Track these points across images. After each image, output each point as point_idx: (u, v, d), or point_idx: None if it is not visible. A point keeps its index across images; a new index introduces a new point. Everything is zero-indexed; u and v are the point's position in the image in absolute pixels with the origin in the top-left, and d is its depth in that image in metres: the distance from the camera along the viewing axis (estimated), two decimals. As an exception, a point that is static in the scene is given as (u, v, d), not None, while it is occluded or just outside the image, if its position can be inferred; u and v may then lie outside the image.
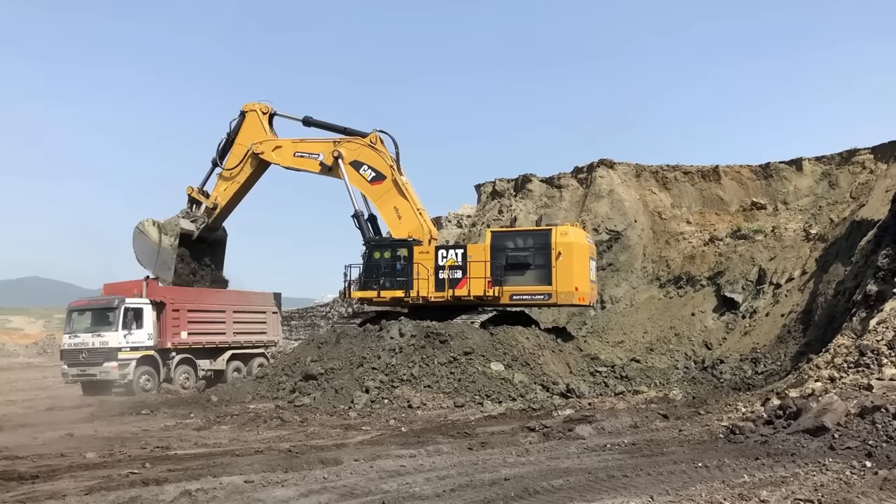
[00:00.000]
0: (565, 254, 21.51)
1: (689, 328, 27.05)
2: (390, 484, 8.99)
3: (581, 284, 21.85)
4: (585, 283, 22.13)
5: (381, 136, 23.39)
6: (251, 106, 24.82)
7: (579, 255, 21.91)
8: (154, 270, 25.46)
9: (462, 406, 17.31)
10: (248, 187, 25.59)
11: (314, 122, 24.43)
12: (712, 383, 21.00)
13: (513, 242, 22.32)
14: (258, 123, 24.57)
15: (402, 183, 22.73)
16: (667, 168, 32.75)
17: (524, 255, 21.96)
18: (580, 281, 21.82)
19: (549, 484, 8.64)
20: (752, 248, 28.14)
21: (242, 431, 14.80)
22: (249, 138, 24.52)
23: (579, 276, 21.80)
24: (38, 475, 9.89)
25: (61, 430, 15.08)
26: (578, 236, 22.41)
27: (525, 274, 21.92)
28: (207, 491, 8.68)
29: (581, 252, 22.03)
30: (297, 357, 21.60)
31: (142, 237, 25.49)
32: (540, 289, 21.78)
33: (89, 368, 23.56)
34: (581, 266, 21.93)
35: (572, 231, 22.37)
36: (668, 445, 11.21)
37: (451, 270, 22.02)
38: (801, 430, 10.54)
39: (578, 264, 21.80)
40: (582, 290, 21.93)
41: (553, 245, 21.62)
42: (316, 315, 47.30)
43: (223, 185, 25.28)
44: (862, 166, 28.16)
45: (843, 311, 19.15)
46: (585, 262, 22.19)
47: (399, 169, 23.02)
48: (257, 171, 25.03)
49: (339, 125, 24.15)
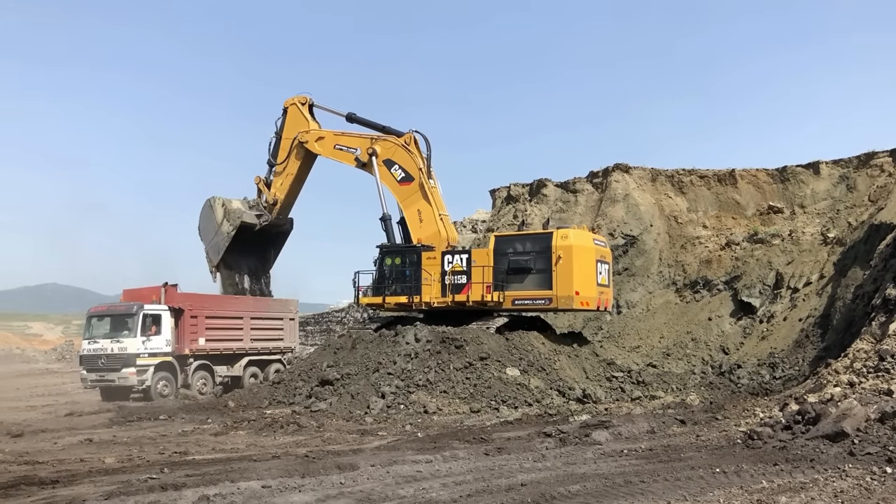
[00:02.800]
0: (565, 257, 21.06)
1: (705, 333, 26.88)
2: (407, 489, 9.00)
3: (583, 288, 21.29)
4: (589, 286, 21.52)
5: (416, 138, 23.45)
6: (291, 100, 25.57)
7: (581, 258, 21.34)
8: (206, 247, 26.54)
9: (478, 411, 17.30)
10: (301, 179, 26.32)
11: (356, 118, 24.93)
12: (730, 388, 20.87)
13: (515, 247, 22.02)
14: (300, 115, 25.35)
15: (427, 187, 22.75)
16: (682, 172, 32.59)
17: (525, 260, 21.68)
18: (581, 285, 21.24)
19: (565, 489, 8.62)
20: (769, 252, 27.94)
21: (259, 437, 14.86)
22: (294, 130, 25.32)
23: (581, 279, 21.23)
24: (57, 480, 9.98)
25: (80, 436, 15.20)
26: (581, 239, 21.91)
27: (527, 278, 21.63)
28: (225, 496, 8.73)
29: (584, 255, 21.47)
30: (314, 363, 21.66)
31: (208, 212, 26.51)
32: (540, 293, 21.39)
33: (108, 374, 23.76)
34: (584, 270, 21.36)
35: (573, 234, 21.87)
36: (686, 451, 11.16)
37: (457, 276, 21.94)
38: (820, 436, 10.46)
39: (580, 268, 21.23)
40: (585, 294, 21.36)
41: (553, 248, 21.22)
42: (331, 320, 47.40)
43: (279, 180, 26.11)
44: (880, 169, 27.90)
45: (861, 315, 18.99)
46: (589, 266, 21.60)
47: (428, 172, 23.02)
48: (306, 161, 25.66)
49: (379, 123, 24.45)
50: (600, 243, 22.95)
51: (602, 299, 22.44)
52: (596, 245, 22.36)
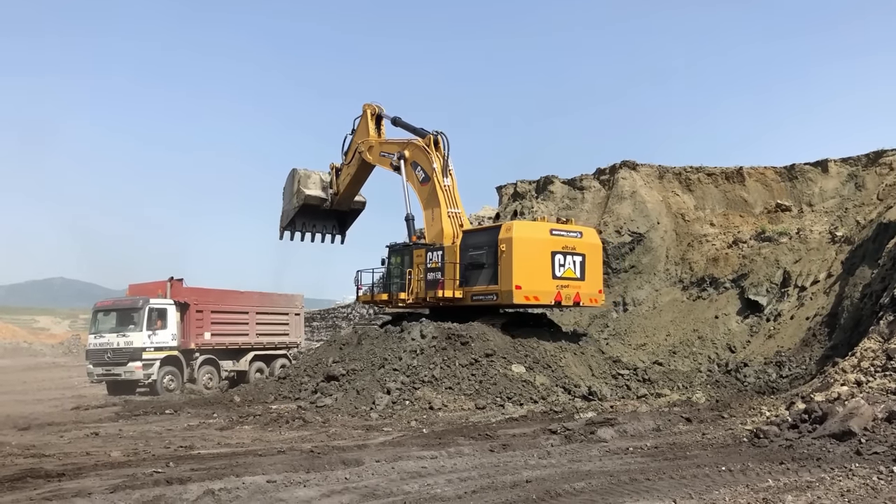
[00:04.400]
0: (507, 251, 20.60)
1: (712, 331, 26.79)
2: (412, 485, 9.00)
3: (528, 282, 20.56)
4: (537, 280, 20.75)
5: (436, 138, 23.51)
6: (365, 106, 25.99)
7: (524, 250, 20.69)
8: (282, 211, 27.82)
9: (483, 408, 17.30)
10: (359, 180, 27.01)
11: (400, 122, 25.23)
12: (736, 387, 20.82)
13: (474, 242, 21.83)
14: (365, 123, 25.81)
15: (440, 186, 22.83)
16: (690, 169, 32.48)
17: (479, 255, 21.52)
18: (525, 279, 20.57)
19: (570, 486, 8.61)
20: (776, 251, 27.82)
21: (265, 432, 14.88)
22: (360, 136, 25.96)
23: (524, 273, 20.56)
24: (64, 473, 10.01)
25: (87, 429, 15.26)
26: (526, 230, 21.36)
27: (481, 273, 21.40)
28: (230, 490, 8.74)
29: (528, 247, 20.78)
30: (319, 358, 21.70)
31: (289, 181, 27.55)
32: (490, 288, 21.07)
33: (114, 368, 23.86)
34: (528, 263, 20.67)
35: (517, 226, 21.42)
36: (692, 449, 11.13)
37: (434, 273, 22.01)
38: (826, 435, 10.41)
39: (522, 261, 20.55)
40: (530, 288, 20.63)
41: (499, 242, 20.88)
42: (337, 316, 47.44)
43: (343, 175, 26.94)
44: (889, 167, 27.75)
45: (869, 314, 18.91)
46: (538, 259, 20.82)
47: (444, 171, 23.09)
48: (363, 166, 26.19)
49: (415, 126, 24.61)
50: (562, 233, 21.70)
51: (565, 294, 21.34)
52: (554, 236, 21.38)
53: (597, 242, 22.89)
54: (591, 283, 22.14)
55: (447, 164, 23.18)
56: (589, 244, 22.20)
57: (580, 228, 22.87)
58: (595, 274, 22.34)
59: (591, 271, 22.07)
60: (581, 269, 21.68)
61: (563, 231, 21.88)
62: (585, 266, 21.79)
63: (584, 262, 21.78)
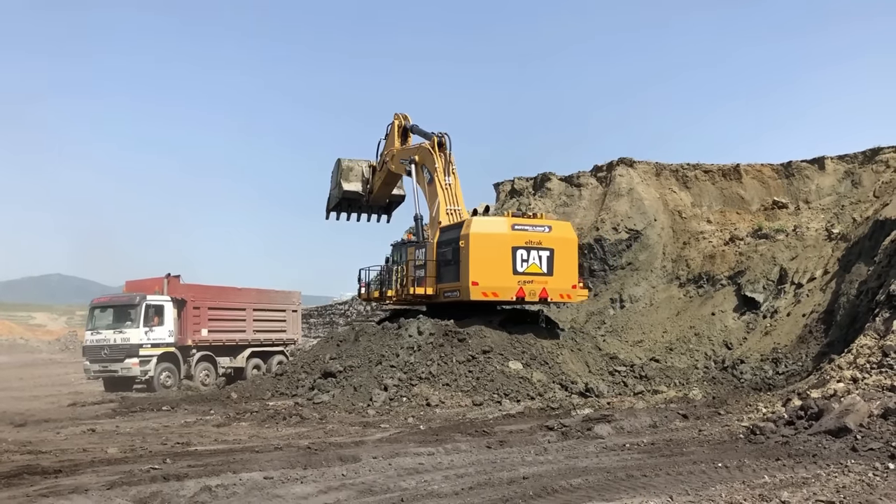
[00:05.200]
0: (464, 246, 20.63)
1: (709, 328, 26.82)
2: (408, 481, 9.00)
3: (485, 278, 20.45)
4: (496, 276, 20.58)
5: (440, 140, 23.48)
6: (395, 116, 26.10)
7: (482, 246, 20.56)
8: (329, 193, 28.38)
9: (480, 404, 17.32)
10: (389, 183, 27.35)
11: (416, 129, 25.39)
12: (732, 383, 20.87)
13: (447, 238, 21.79)
14: (392, 133, 25.96)
15: (440, 185, 22.90)
16: (687, 167, 32.50)
17: (447, 251, 21.55)
18: (482, 275, 20.40)
19: (567, 483, 8.62)
20: (773, 248, 27.86)
21: (262, 428, 14.89)
22: (387, 146, 26.32)
23: (480, 269, 20.46)
24: (60, 470, 10.00)
25: (83, 426, 15.26)
26: (485, 226, 21.15)
27: (449, 270, 21.40)
28: (227, 487, 8.74)
29: (485, 243, 20.64)
30: (316, 355, 21.71)
31: (335, 169, 28.00)
32: (454, 285, 21.11)
33: (111, 365, 23.86)
34: (485, 258, 20.46)
35: (476, 222, 21.19)
36: (688, 445, 11.15)
37: (420, 269, 22.12)
38: (822, 431, 10.44)
39: (479, 257, 20.44)
40: (488, 284, 20.50)
41: (460, 238, 20.90)
42: (335, 313, 47.45)
43: (376, 175, 27.30)
44: (886, 165, 27.78)
45: (865, 311, 18.95)
46: (496, 254, 20.59)
47: (446, 171, 23.14)
48: (391, 174, 26.50)
49: (426, 131, 24.61)
50: (527, 228, 21.30)
51: (529, 289, 20.97)
52: (516, 231, 21.06)
53: (569, 237, 22.27)
54: (562, 278, 21.56)
55: (449, 164, 23.23)
56: (559, 238, 21.67)
57: (549, 222, 22.34)
58: (567, 268, 21.74)
59: (562, 266, 21.53)
60: (548, 264, 21.23)
61: (527, 226, 21.45)
62: (554, 261, 21.31)
63: (553, 256, 21.30)
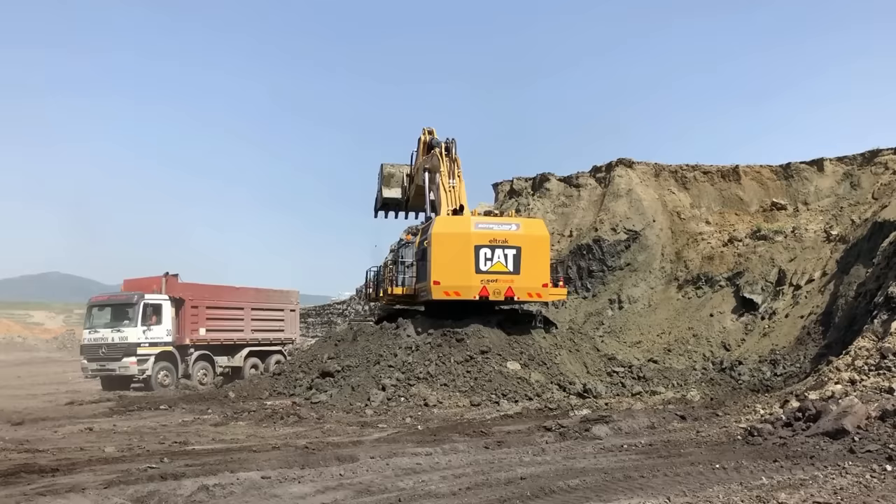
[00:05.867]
0: (428, 246, 20.82)
1: (707, 329, 26.83)
2: (406, 482, 9.00)
3: (447, 277, 20.39)
4: (458, 275, 20.46)
5: (447, 145, 23.45)
6: (422, 131, 25.79)
7: (443, 245, 20.59)
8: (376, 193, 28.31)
9: (478, 405, 17.31)
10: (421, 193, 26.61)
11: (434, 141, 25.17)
12: (730, 385, 20.85)
13: (421, 238, 21.98)
14: (419, 148, 25.71)
15: (444, 188, 22.95)
16: (686, 168, 32.52)
17: (420, 251, 21.71)
18: (444, 274, 20.38)
19: (565, 483, 8.61)
20: (771, 249, 27.87)
21: (259, 428, 14.87)
22: (416, 159, 26.15)
23: (441, 268, 20.48)
24: (57, 468, 9.99)
25: (81, 425, 15.24)
26: (447, 226, 21.06)
27: (422, 269, 21.51)
28: (224, 486, 8.73)
29: (447, 241, 20.65)
30: (314, 354, 21.69)
31: (379, 173, 27.95)
32: (423, 284, 21.19)
33: (108, 363, 23.85)
34: (447, 257, 20.48)
35: (439, 221, 21.16)
36: (686, 447, 11.15)
37: (409, 269, 22.31)
38: (820, 433, 10.44)
39: (440, 255, 20.49)
40: (449, 283, 20.40)
41: (426, 237, 21.10)
42: (333, 312, 47.49)
43: (411, 188, 27.04)
44: (885, 167, 27.81)
45: (863, 313, 18.96)
46: (459, 252, 20.52)
47: (451, 174, 23.15)
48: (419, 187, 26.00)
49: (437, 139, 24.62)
50: (491, 226, 21.06)
51: (493, 288, 20.62)
52: (480, 230, 20.83)
53: (539, 234, 21.71)
54: (531, 276, 21.09)
55: (454, 168, 23.24)
56: (527, 236, 21.24)
57: (517, 220, 21.96)
58: (536, 267, 21.23)
59: (531, 264, 21.06)
60: (514, 263, 20.88)
61: (492, 224, 21.22)
62: (521, 259, 20.92)
63: (519, 254, 20.92)
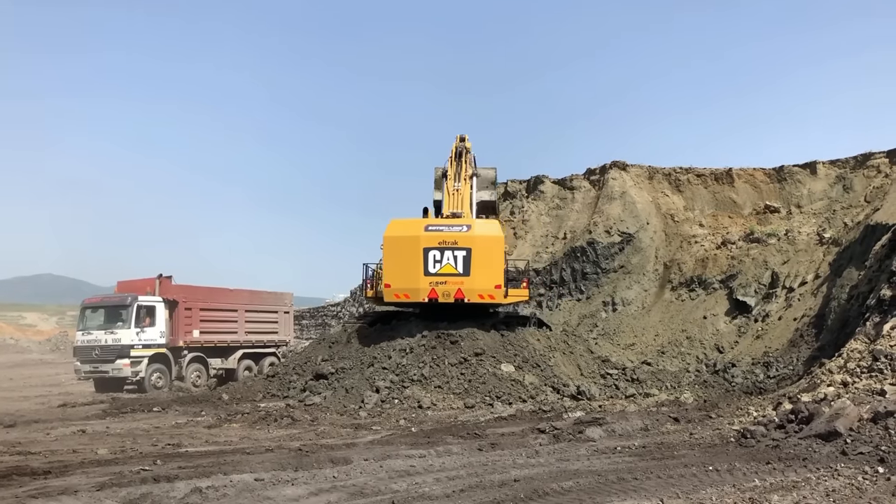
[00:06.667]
0: (383, 249, 21.01)
1: (700, 331, 26.91)
2: (400, 484, 8.99)
3: (395, 280, 20.67)
4: (407, 278, 20.62)
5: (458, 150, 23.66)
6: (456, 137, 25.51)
7: (393, 248, 20.81)
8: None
9: (472, 407, 17.32)
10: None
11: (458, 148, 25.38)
12: (724, 387, 20.91)
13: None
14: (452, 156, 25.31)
15: (448, 191, 22.97)
16: (680, 170, 32.63)
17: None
18: (394, 277, 20.69)
19: (558, 485, 8.62)
20: (765, 252, 27.97)
21: (253, 430, 14.85)
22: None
23: (393, 271, 20.73)
24: (50, 471, 9.95)
25: (74, 427, 15.19)
26: (398, 229, 21.11)
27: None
28: (218, 488, 8.71)
29: (398, 245, 20.74)
30: (308, 356, 21.68)
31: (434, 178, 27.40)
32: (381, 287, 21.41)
33: (102, 365, 23.76)
34: (397, 261, 20.70)
35: (392, 224, 21.18)
36: (679, 449, 11.17)
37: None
38: (813, 435, 10.47)
39: (393, 259, 20.72)
40: (398, 286, 20.68)
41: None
42: (327, 314, 47.44)
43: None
44: (877, 170, 27.96)
45: (856, 315, 19.03)
46: (408, 255, 20.59)
47: (457, 177, 23.18)
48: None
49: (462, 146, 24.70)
50: (441, 228, 20.95)
51: (442, 290, 20.56)
52: (430, 232, 20.78)
53: (492, 234, 21.29)
54: (482, 277, 20.80)
55: (460, 171, 23.29)
56: (478, 237, 20.89)
57: (469, 222, 21.58)
58: (489, 268, 20.89)
59: (483, 265, 20.78)
60: (464, 264, 20.68)
61: (442, 226, 21.10)
62: (471, 260, 20.68)
63: (470, 256, 20.69)
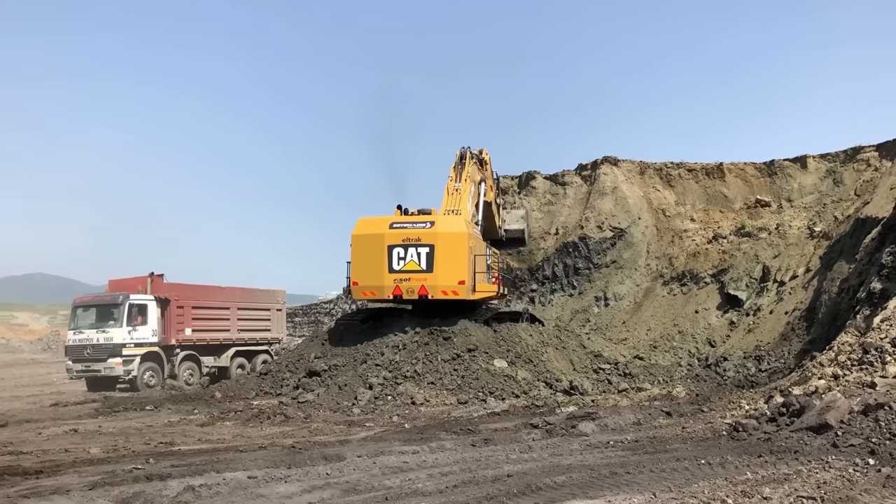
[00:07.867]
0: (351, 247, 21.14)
1: (692, 326, 27.01)
2: (393, 480, 9.00)
3: (362, 278, 20.88)
4: (374, 276, 20.71)
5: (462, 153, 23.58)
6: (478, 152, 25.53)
7: (360, 246, 20.90)
8: None
9: (465, 403, 17.33)
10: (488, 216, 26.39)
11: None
12: (716, 381, 21.01)
13: None
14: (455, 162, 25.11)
15: (449, 191, 22.93)
16: (671, 165, 32.72)
17: None
18: (360, 275, 20.91)
19: (551, 480, 8.65)
20: (756, 246, 28.09)
21: (246, 427, 14.83)
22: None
23: (359, 269, 20.93)
24: (42, 470, 9.91)
25: (66, 426, 15.13)
26: (364, 227, 21.16)
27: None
28: (211, 486, 8.70)
29: (364, 243, 20.87)
30: (301, 353, 21.65)
31: None
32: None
33: (94, 364, 23.67)
34: (364, 258, 20.83)
35: (359, 223, 21.26)
36: (671, 442, 11.22)
37: None
38: (804, 428, 10.53)
39: (360, 257, 20.88)
40: (364, 283, 20.89)
41: None
42: (320, 312, 47.36)
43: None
44: (867, 164, 28.10)
45: (846, 308, 19.14)
46: (373, 253, 20.64)
47: (458, 178, 23.17)
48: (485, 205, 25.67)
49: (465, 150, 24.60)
50: (406, 225, 20.85)
51: (406, 287, 20.53)
52: (394, 229, 20.76)
53: (455, 231, 20.94)
54: (447, 274, 20.57)
55: (464, 173, 23.29)
56: (442, 234, 20.70)
57: (433, 218, 21.28)
58: (453, 264, 20.66)
59: (447, 262, 20.59)
60: (427, 261, 20.56)
61: (405, 223, 21.01)
62: (435, 257, 20.55)
63: (433, 252, 20.56)
